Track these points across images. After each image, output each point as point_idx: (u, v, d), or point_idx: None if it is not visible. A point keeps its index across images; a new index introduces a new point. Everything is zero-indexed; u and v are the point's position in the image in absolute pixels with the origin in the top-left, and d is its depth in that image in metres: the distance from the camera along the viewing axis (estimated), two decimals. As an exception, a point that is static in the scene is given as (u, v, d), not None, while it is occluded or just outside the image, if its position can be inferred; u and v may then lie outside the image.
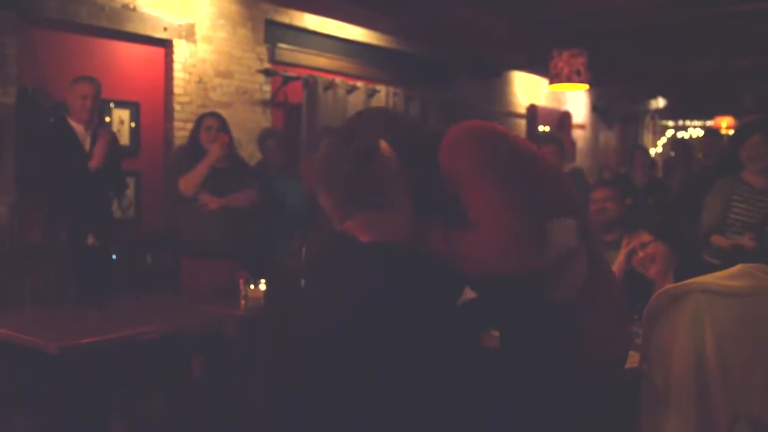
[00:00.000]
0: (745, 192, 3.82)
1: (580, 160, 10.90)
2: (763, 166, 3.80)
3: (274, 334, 2.44)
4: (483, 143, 1.70)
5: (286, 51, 6.45)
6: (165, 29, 5.49)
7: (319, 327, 1.76)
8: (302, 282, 3.69)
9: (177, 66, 5.62)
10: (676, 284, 2.02)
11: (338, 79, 6.80)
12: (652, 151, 12.95)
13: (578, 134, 11.11)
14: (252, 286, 3.82)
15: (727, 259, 3.50)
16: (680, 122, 13.76)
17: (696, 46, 8.54)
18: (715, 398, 1.92)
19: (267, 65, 6.27)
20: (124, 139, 5.36)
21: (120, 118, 5.40)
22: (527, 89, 9.88)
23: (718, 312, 1.96)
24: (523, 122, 9.81)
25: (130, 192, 5.36)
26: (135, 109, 5.49)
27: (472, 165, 1.66)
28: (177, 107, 5.64)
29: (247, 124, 6.07)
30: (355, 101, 6.98)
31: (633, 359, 2.52)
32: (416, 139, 1.77)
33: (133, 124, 5.47)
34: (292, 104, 6.54)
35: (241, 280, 3.82)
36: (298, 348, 1.84)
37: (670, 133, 13.75)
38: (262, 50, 6.25)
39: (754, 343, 2.03)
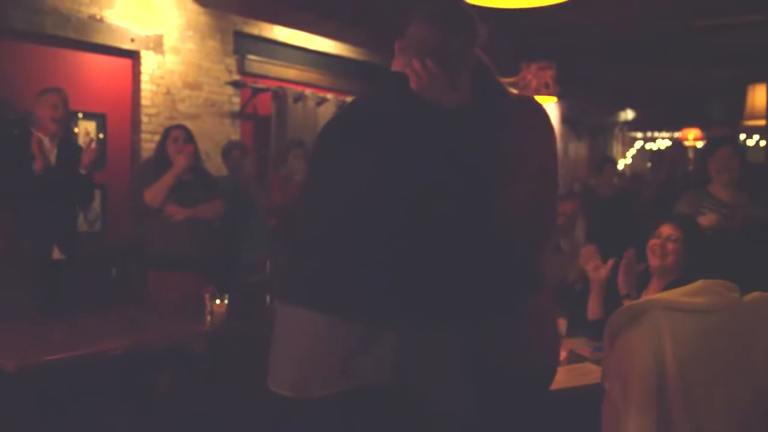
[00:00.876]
0: (712, 205, 3.85)
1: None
2: (731, 178, 3.84)
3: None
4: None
5: (256, 62, 6.42)
6: (132, 40, 5.44)
7: None
8: (267, 298, 3.69)
9: (144, 77, 5.57)
10: (636, 301, 2.03)
11: (308, 91, 6.79)
12: (622, 162, 13.09)
13: (548, 146, 11.15)
14: (218, 301, 3.78)
15: None
16: (649, 134, 13.92)
17: (664, 60, 8.65)
18: (676, 416, 1.93)
19: (236, 77, 6.24)
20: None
21: (86, 130, 5.34)
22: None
23: (678, 329, 1.97)
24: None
25: (96, 204, 5.31)
26: (102, 120, 5.44)
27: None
28: (144, 119, 5.59)
29: (216, 136, 6.03)
30: (325, 113, 6.96)
31: (596, 375, 2.54)
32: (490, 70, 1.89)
33: (101, 135, 5.41)
34: (262, 116, 6.51)
35: (206, 296, 3.78)
36: None
37: (638, 144, 13.90)
38: (231, 62, 6.22)
39: (716, 360, 2.03)
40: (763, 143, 10.76)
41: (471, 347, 1.67)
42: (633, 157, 13.41)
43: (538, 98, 6.18)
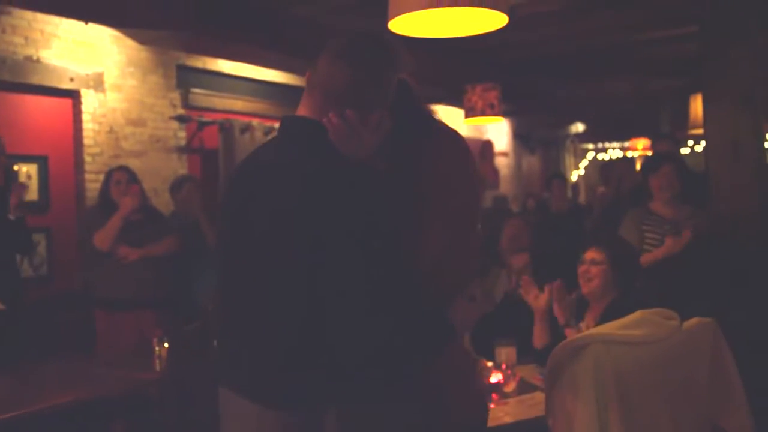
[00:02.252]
0: (654, 222, 3.88)
1: (504, 187, 11.04)
2: (672, 196, 3.87)
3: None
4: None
5: (200, 95, 6.36)
6: (72, 80, 5.35)
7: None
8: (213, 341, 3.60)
9: (86, 116, 5.48)
10: (576, 337, 2.02)
11: (255, 122, 6.73)
12: (575, 174, 13.24)
13: (501, 162, 11.26)
14: (166, 344, 3.71)
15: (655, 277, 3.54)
16: (600, 145, 14.12)
17: (611, 71, 8.77)
18: (620, 450, 1.91)
19: (180, 111, 6.17)
20: (33, 194, 5.18)
21: (28, 173, 5.22)
22: (446, 121, 9.93)
23: (619, 362, 1.96)
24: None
25: (41, 248, 5.19)
26: (43, 162, 5.32)
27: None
28: (88, 159, 5.49)
29: (163, 172, 5.94)
30: (275, 142, 6.91)
31: (541, 407, 2.52)
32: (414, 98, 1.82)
33: (29, 179, 5.24)
34: (209, 149, 6.44)
35: (154, 339, 3.71)
36: None
37: (590, 155, 14.09)
38: (175, 96, 6.14)
39: (659, 389, 2.03)
40: (698, 149, 10.99)
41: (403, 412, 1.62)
42: (586, 168, 13.58)
43: (485, 119, 6.26)
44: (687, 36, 6.46)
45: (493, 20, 2.92)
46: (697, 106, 7.16)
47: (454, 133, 1.85)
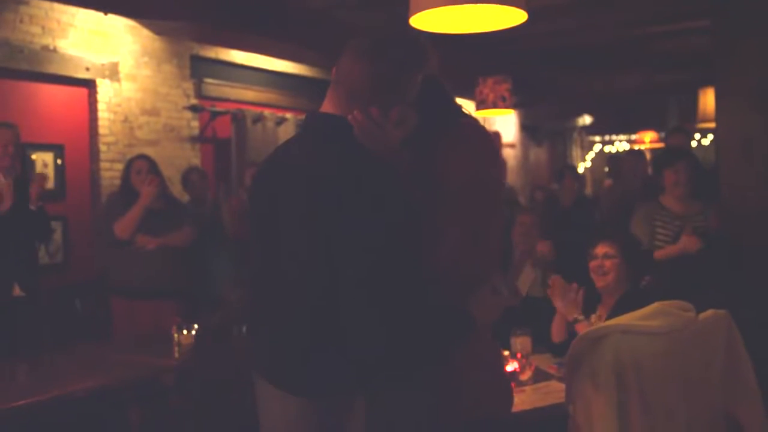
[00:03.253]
0: (665, 217, 3.92)
1: (511, 178, 11.07)
2: (685, 192, 3.90)
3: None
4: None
5: (213, 86, 6.41)
6: (87, 69, 5.40)
7: None
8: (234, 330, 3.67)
9: (101, 106, 5.53)
10: (596, 327, 2.07)
11: (267, 112, 6.78)
12: (581, 166, 13.26)
13: (508, 153, 11.30)
14: (185, 333, 3.76)
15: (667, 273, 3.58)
16: (607, 137, 14.14)
17: (619, 65, 8.80)
18: (638, 438, 1.97)
19: (194, 101, 6.22)
20: (49, 182, 5.23)
21: (44, 162, 5.28)
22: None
23: (638, 352, 2.02)
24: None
25: (57, 236, 5.25)
26: (59, 151, 5.38)
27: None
28: (103, 148, 5.55)
29: (176, 161, 6.00)
30: (285, 133, 6.97)
31: (562, 394, 2.58)
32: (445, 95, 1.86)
33: (58, 161, 5.34)
34: (221, 139, 6.50)
35: (173, 327, 3.76)
36: None
37: (597, 147, 14.11)
38: (189, 86, 6.20)
39: (675, 379, 2.08)
40: (705, 142, 11.03)
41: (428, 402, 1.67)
42: (593, 160, 13.61)
43: (496, 111, 6.30)
44: (696, 30, 6.50)
45: (513, 16, 2.96)
46: (706, 99, 7.19)
47: (481, 130, 1.88)
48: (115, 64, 5.60)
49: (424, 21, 3.00)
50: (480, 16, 3.04)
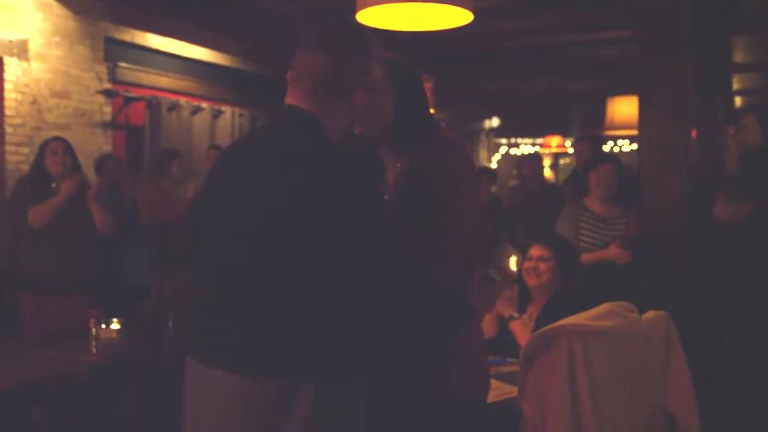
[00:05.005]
0: (589, 219, 4.05)
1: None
2: (608, 194, 4.04)
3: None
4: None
5: (128, 70, 6.18)
6: (-7, 45, 5.10)
7: None
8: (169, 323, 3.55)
9: (8, 85, 5.23)
10: (549, 326, 2.12)
11: (183, 100, 6.60)
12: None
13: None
14: (104, 326, 3.61)
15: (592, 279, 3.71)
16: (513, 140, 14.50)
17: (528, 70, 9.02)
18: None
19: (107, 85, 5.98)
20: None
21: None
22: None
23: (589, 352, 2.07)
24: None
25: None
26: (-39, 132, 5.06)
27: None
28: (9, 129, 5.25)
29: (87, 147, 5.74)
30: (200, 122, 6.81)
31: (499, 390, 2.63)
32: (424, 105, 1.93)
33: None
34: (135, 126, 6.27)
35: (91, 321, 3.60)
36: None
37: (503, 149, 14.46)
38: (102, 69, 5.95)
39: (620, 377, 2.16)
40: (616, 150, 11.51)
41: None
42: (498, 162, 13.93)
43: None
44: (612, 41, 6.74)
45: (458, 16, 3.00)
46: (614, 108, 7.47)
47: (457, 139, 1.95)
48: (24, 41, 5.31)
49: (370, 17, 3.00)
50: (426, 14, 3.06)
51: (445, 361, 1.80)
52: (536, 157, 7.30)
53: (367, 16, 2.98)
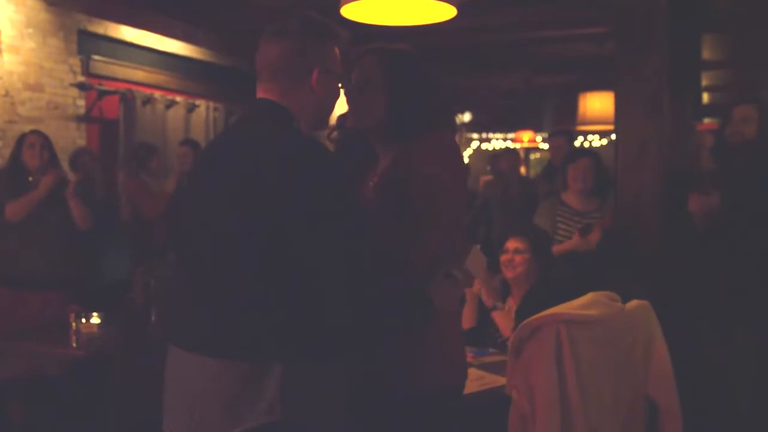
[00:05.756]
0: (566, 213, 4.11)
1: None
2: (585, 189, 4.11)
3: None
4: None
5: (102, 63, 6.12)
6: (-35, 38, 5.03)
7: None
8: (152, 317, 3.54)
9: (-20, 78, 5.17)
10: (537, 316, 2.16)
11: (157, 94, 6.55)
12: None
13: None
14: (84, 320, 3.59)
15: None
16: (484, 135, 14.60)
17: (504, 65, 9.08)
18: (576, 419, 2.08)
19: (81, 78, 5.92)
20: None
21: None
22: (342, 104, 10.01)
23: (575, 340, 2.12)
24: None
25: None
26: (-69, 125, 4.98)
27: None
28: (-20, 123, 5.18)
29: (60, 141, 5.66)
30: (175, 116, 6.77)
31: (483, 380, 2.68)
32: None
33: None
34: (109, 119, 6.21)
35: (71, 315, 3.58)
36: None
37: (475, 144, 14.55)
38: (76, 62, 5.89)
39: (605, 364, 2.21)
40: (587, 144, 11.63)
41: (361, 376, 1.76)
42: (470, 156, 14.01)
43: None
44: (586, 36, 6.81)
45: (442, 11, 3.04)
46: (586, 103, 7.56)
47: (446, 144, 1.94)
48: (-4, 33, 5.24)
49: (354, 11, 3.03)
50: (410, 9, 3.09)
51: (416, 351, 1.82)
52: (513, 152, 7.38)
53: (351, 11, 3.01)
